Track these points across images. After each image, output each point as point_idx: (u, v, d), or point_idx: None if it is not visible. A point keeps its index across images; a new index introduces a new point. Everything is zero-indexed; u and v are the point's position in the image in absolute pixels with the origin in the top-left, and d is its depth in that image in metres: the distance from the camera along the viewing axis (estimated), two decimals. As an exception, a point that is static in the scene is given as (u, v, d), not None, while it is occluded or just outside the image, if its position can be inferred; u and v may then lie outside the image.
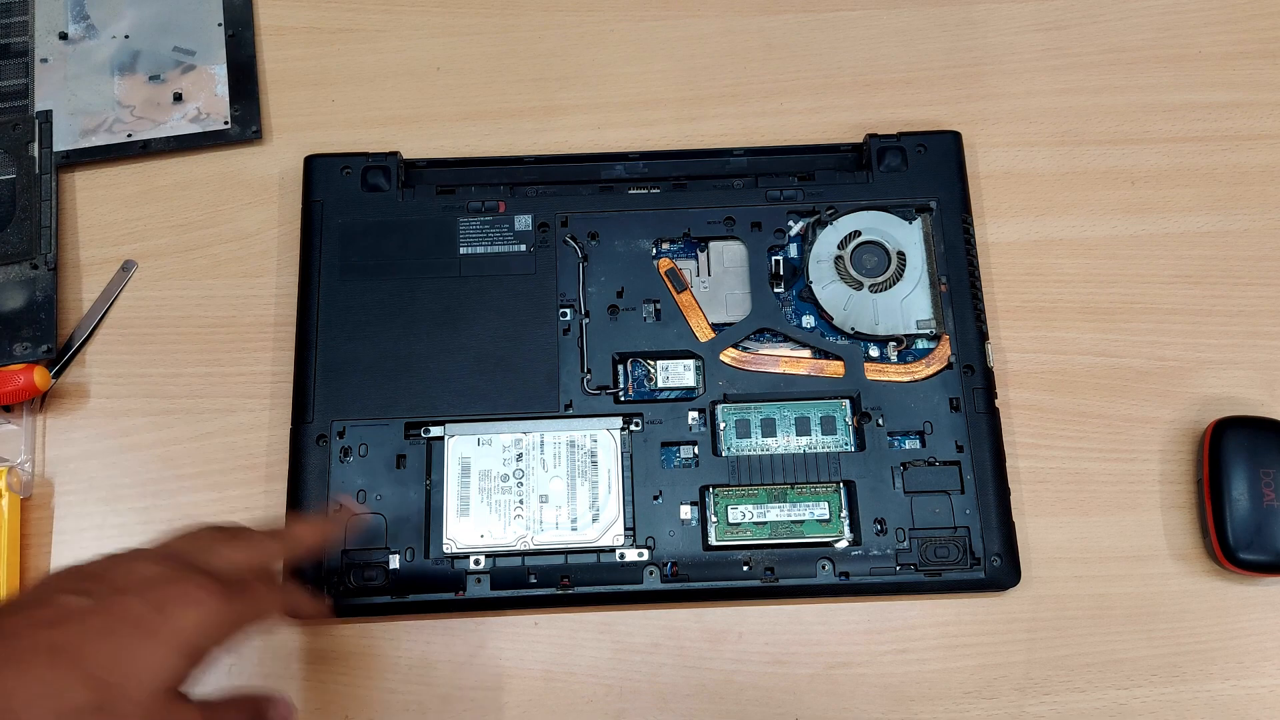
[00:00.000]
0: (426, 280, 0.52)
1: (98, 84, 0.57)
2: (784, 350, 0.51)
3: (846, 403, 0.50)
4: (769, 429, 0.50)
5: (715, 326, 0.51)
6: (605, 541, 0.48)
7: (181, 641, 0.34)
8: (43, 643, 0.32)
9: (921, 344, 0.51)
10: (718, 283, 0.52)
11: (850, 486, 0.49)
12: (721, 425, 0.50)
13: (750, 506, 0.48)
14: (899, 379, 0.50)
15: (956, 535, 0.48)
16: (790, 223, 0.53)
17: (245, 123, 0.57)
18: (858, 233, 0.52)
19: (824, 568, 0.48)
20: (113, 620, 0.33)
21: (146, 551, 0.37)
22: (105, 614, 0.34)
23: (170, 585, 0.35)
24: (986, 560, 0.47)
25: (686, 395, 0.50)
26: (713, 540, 0.48)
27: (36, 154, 0.55)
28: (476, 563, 0.48)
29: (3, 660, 0.32)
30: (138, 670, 0.33)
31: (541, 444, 0.49)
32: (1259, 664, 0.48)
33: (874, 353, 0.51)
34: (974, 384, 0.50)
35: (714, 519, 0.48)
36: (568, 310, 0.51)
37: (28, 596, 0.36)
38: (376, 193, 0.53)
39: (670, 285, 0.52)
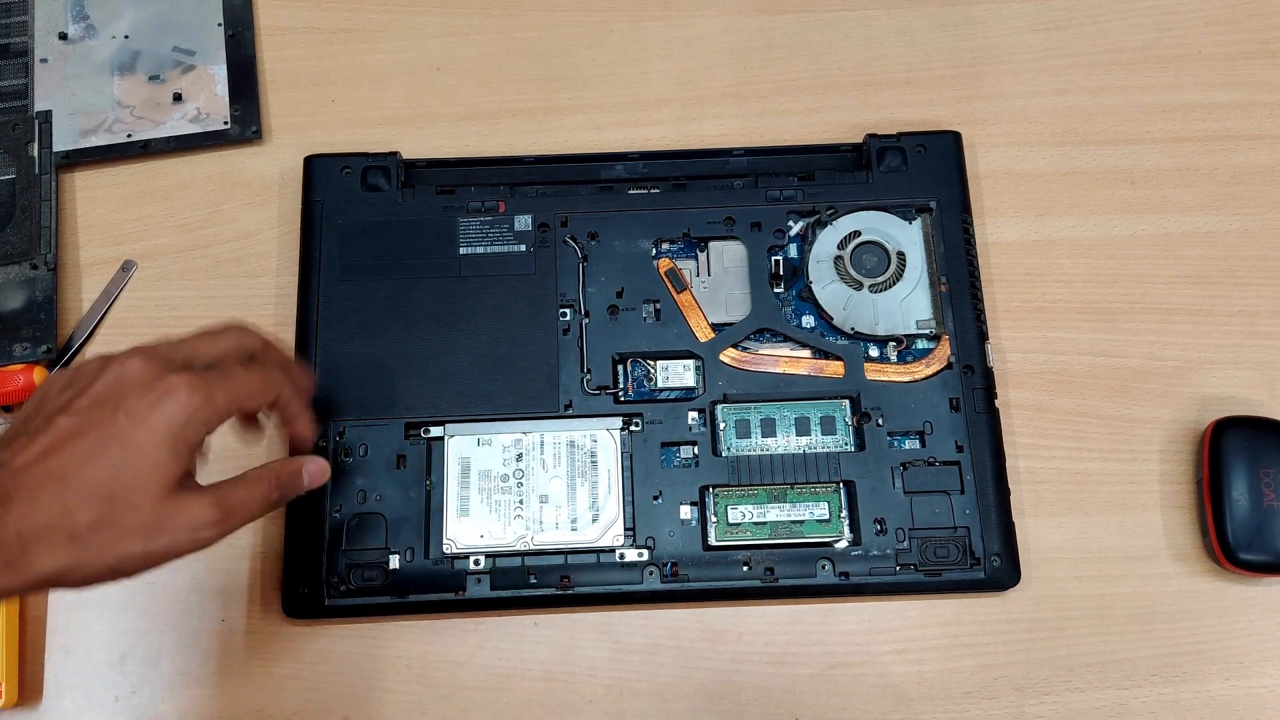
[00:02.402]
0: (426, 280, 0.52)
1: (98, 84, 0.57)
2: (784, 350, 0.51)
3: (846, 403, 0.50)
4: (769, 429, 0.50)
5: (715, 326, 0.51)
6: (605, 542, 0.48)
7: (170, 439, 0.36)
8: (45, 472, 0.35)
9: (921, 344, 0.51)
10: (718, 283, 0.52)
11: (850, 486, 0.49)
12: (721, 425, 0.50)
13: (750, 506, 0.48)
14: (899, 379, 0.50)
15: (956, 535, 0.48)
16: (790, 223, 0.53)
17: (245, 123, 0.57)
18: (858, 233, 0.52)
19: (824, 568, 0.48)
20: (102, 435, 0.35)
21: (128, 354, 0.38)
22: (94, 430, 0.36)
23: (149, 387, 0.37)
24: (986, 560, 0.47)
25: (686, 395, 0.50)
26: (713, 540, 0.48)
27: (36, 154, 0.55)
28: (476, 563, 0.48)
29: (13, 493, 0.34)
30: (135, 478, 0.35)
31: (541, 444, 0.49)
32: (1259, 664, 0.48)
33: (874, 353, 0.51)
34: (974, 384, 0.50)
35: (714, 519, 0.48)
36: (568, 310, 0.51)
37: (27, 423, 0.37)
38: (376, 193, 0.53)
39: (670, 285, 0.52)
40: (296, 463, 0.42)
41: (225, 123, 0.57)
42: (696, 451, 0.49)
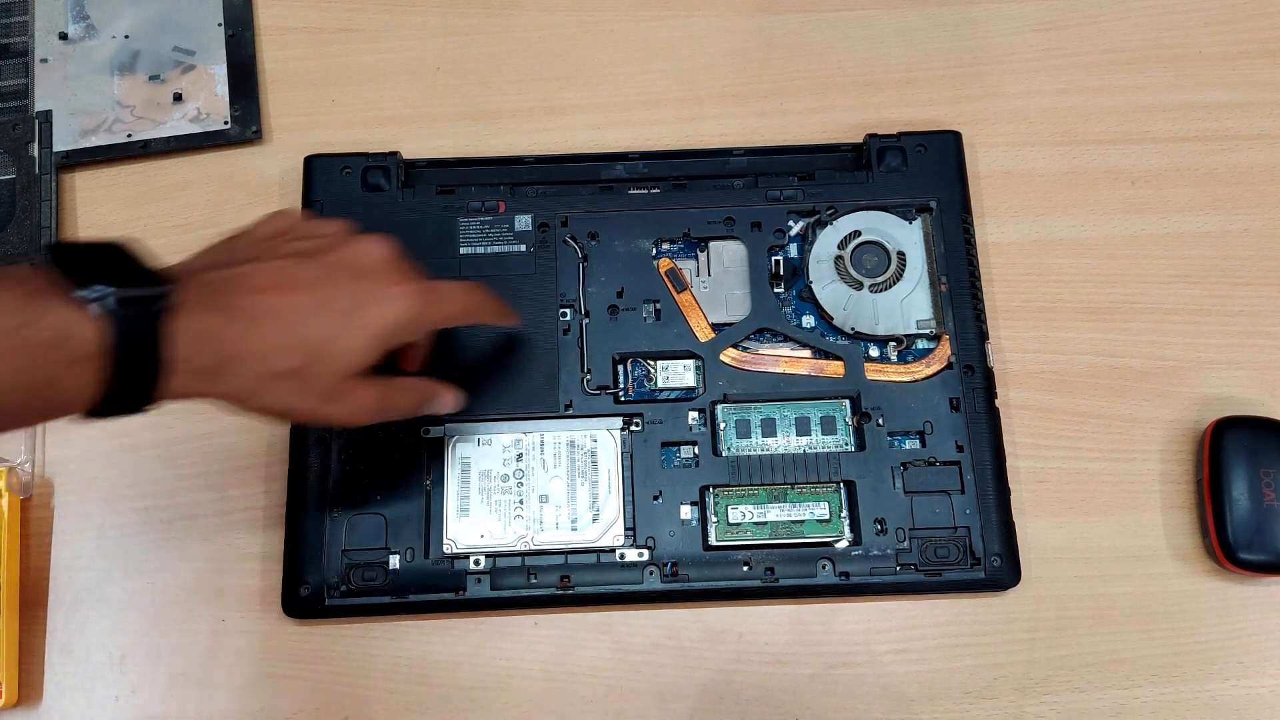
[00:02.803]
0: (426, 280, 0.52)
1: (98, 84, 0.57)
2: (784, 350, 0.51)
3: (846, 403, 0.50)
4: (769, 429, 0.50)
5: (715, 326, 0.51)
6: (605, 541, 0.48)
7: (380, 332, 0.38)
8: (269, 308, 0.36)
9: (921, 344, 0.51)
10: (718, 283, 0.52)
11: (850, 486, 0.49)
12: (721, 425, 0.50)
13: (750, 506, 0.48)
14: (899, 379, 0.50)
15: (956, 535, 0.48)
16: (790, 223, 0.53)
17: (245, 123, 0.57)
18: (858, 233, 0.52)
19: (824, 568, 0.48)
20: (331, 300, 0.37)
21: (374, 236, 0.40)
22: (326, 292, 0.38)
23: (384, 277, 0.39)
24: (986, 560, 0.47)
25: (686, 395, 0.50)
26: (713, 540, 0.48)
27: (36, 154, 0.55)
28: (476, 563, 0.48)
29: (235, 314, 0.36)
30: (339, 349, 0.37)
31: (541, 444, 0.49)
32: (1259, 664, 0.48)
33: (874, 353, 0.51)
34: (974, 384, 0.50)
35: (714, 519, 0.48)
36: (568, 310, 0.51)
37: (258, 244, 0.39)
38: (376, 193, 0.53)
39: (670, 285, 0.52)
40: (443, 386, 0.44)
41: (225, 123, 0.57)
42: (696, 451, 0.49)
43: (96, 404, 0.33)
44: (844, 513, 0.48)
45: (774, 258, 0.52)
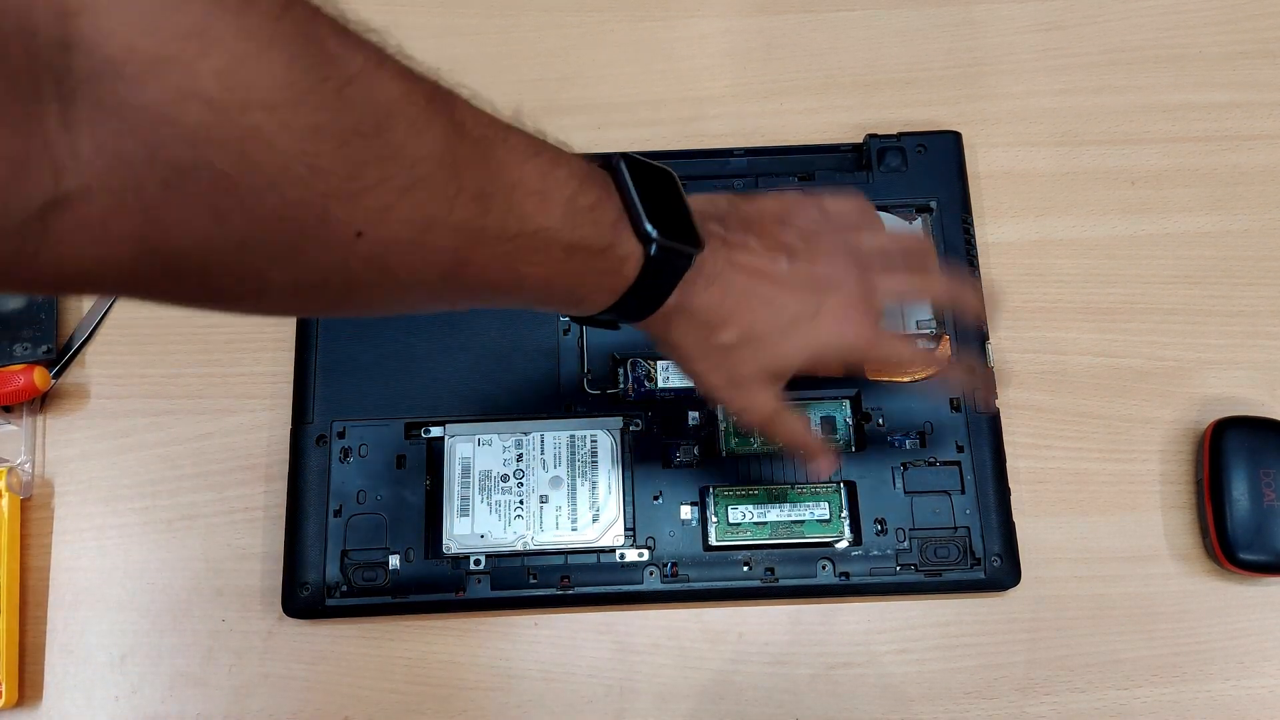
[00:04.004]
0: (426, 280, 0.52)
1: (98, 84, 0.57)
2: (784, 350, 0.51)
3: (846, 403, 0.50)
4: (769, 429, 0.50)
5: (715, 326, 0.51)
6: (605, 542, 0.48)
7: (810, 351, 0.39)
8: (742, 287, 0.37)
9: (922, 344, 0.51)
10: (718, 283, 0.52)
11: (850, 487, 0.49)
12: (721, 425, 0.50)
13: (750, 507, 0.48)
14: (899, 379, 0.50)
15: (956, 535, 0.48)
16: (790, 223, 0.53)
17: (245, 123, 0.57)
18: (858, 233, 0.52)
19: (824, 568, 0.48)
20: (792, 302, 0.38)
21: (848, 248, 0.40)
22: (794, 292, 0.38)
23: (839, 308, 0.39)
24: (986, 560, 0.47)
25: (687, 395, 0.50)
26: (713, 540, 0.48)
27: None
28: (477, 563, 0.48)
29: (717, 282, 0.37)
30: (771, 347, 0.38)
31: (541, 444, 0.49)
32: (1259, 664, 0.48)
33: (874, 353, 0.51)
34: (974, 384, 0.50)
35: (714, 519, 0.48)
36: (568, 310, 0.51)
37: (763, 221, 0.40)
38: (376, 193, 0.53)
39: (670, 285, 0.52)
40: (824, 448, 0.43)
41: (225, 123, 0.57)
42: (696, 451, 0.49)
43: (599, 311, 0.35)
44: (844, 513, 0.48)
45: (774, 258, 0.52)
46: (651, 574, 0.48)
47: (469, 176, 0.29)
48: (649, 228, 0.34)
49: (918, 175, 0.53)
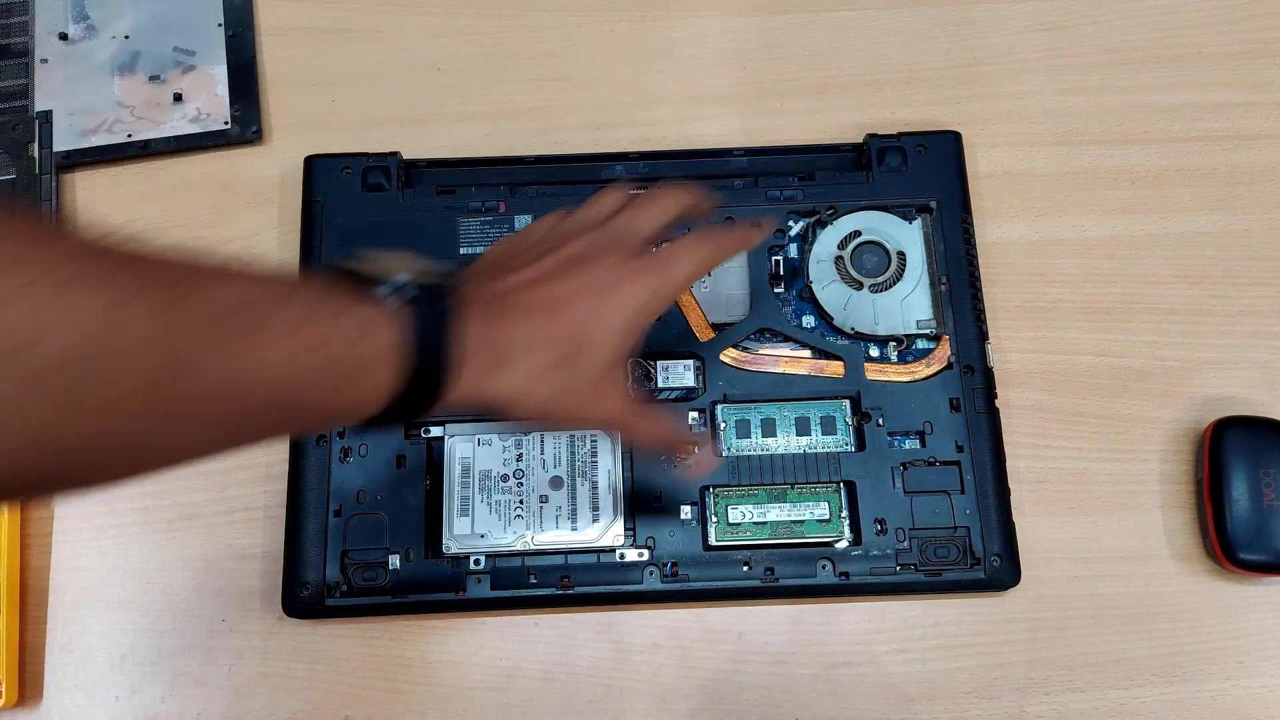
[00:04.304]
0: (426, 280, 0.52)
1: (98, 84, 0.57)
2: (784, 350, 0.51)
3: (846, 403, 0.50)
4: (769, 429, 0.50)
5: (715, 326, 0.51)
6: (605, 541, 0.48)
7: (623, 320, 0.37)
8: (540, 297, 0.36)
9: (921, 344, 0.51)
10: (718, 283, 0.52)
11: (850, 486, 0.49)
12: (721, 425, 0.50)
13: (750, 506, 0.48)
14: (899, 379, 0.50)
15: (956, 535, 0.48)
16: (790, 223, 0.53)
17: (245, 123, 0.57)
18: (858, 233, 0.52)
19: (824, 568, 0.48)
20: (587, 283, 0.37)
21: (578, 228, 0.40)
22: (569, 281, 0.37)
23: (612, 267, 0.38)
24: (986, 560, 0.47)
25: (687, 395, 0.50)
26: (713, 540, 0.48)
27: (37, 154, 0.55)
28: (476, 563, 0.48)
29: (508, 309, 0.36)
30: (590, 341, 0.36)
31: (541, 444, 0.49)
32: (1259, 664, 0.48)
33: (874, 353, 0.51)
34: (974, 384, 0.50)
35: (714, 519, 0.48)
36: (568, 310, 0.51)
37: (509, 254, 0.39)
38: (377, 193, 0.53)
39: (670, 285, 0.52)
40: (686, 438, 0.43)
41: (225, 123, 0.57)
42: (696, 451, 0.49)
43: (390, 403, 0.32)
44: (844, 513, 0.48)
45: (774, 258, 0.52)
46: (651, 574, 0.48)
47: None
48: (383, 288, 0.32)
49: (918, 175, 0.53)
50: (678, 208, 0.42)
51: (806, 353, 0.51)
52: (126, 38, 0.58)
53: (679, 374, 0.50)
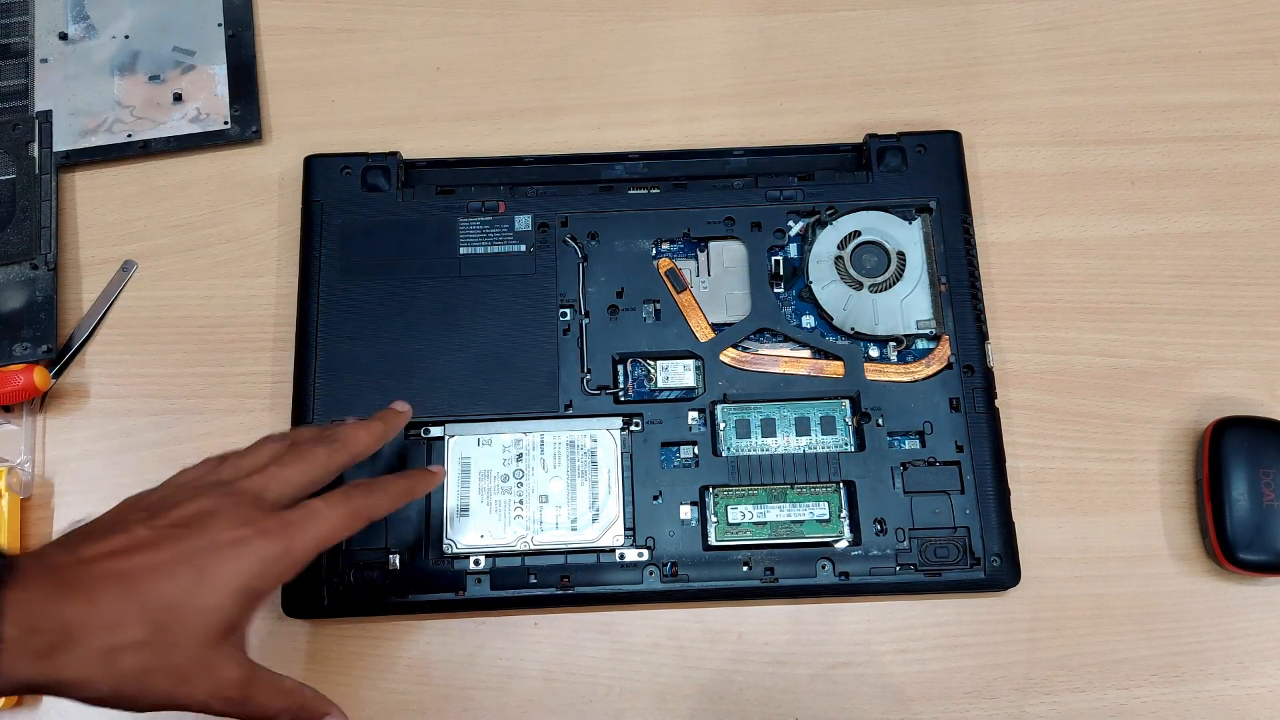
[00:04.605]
0: (426, 280, 0.52)
1: (98, 84, 0.57)
2: (784, 350, 0.51)
3: (846, 403, 0.50)
4: (769, 429, 0.50)
5: (715, 326, 0.51)
6: (605, 541, 0.48)
7: (237, 586, 0.35)
8: (112, 572, 0.33)
9: (921, 344, 0.51)
10: (718, 283, 0.52)
11: (850, 486, 0.49)
12: (721, 425, 0.50)
13: (750, 506, 0.48)
14: (899, 379, 0.50)
15: (956, 535, 0.48)
16: (790, 223, 0.53)
17: (245, 123, 0.57)
18: (858, 233, 0.52)
19: (824, 568, 0.48)
20: (179, 556, 0.34)
21: (209, 484, 0.38)
22: (172, 548, 0.34)
23: (229, 528, 0.35)
24: (986, 560, 0.47)
25: (686, 395, 0.50)
26: (713, 540, 0.48)
27: (36, 154, 0.55)
28: (476, 563, 0.48)
29: (75, 584, 0.33)
30: (194, 613, 0.34)
31: (541, 444, 0.49)
32: (1259, 664, 0.48)
33: (874, 353, 0.51)
34: (974, 384, 0.50)
35: (714, 519, 0.48)
36: (567, 310, 0.51)
37: (101, 528, 0.36)
38: (376, 193, 0.53)
39: (670, 285, 0.52)
40: (320, 707, 0.39)
41: (225, 123, 0.57)
42: (696, 451, 0.49)
43: None
44: (844, 513, 0.48)
45: (774, 258, 0.52)
46: (651, 574, 0.48)
47: None
48: None
49: (917, 175, 0.53)
50: (336, 460, 0.40)
51: (806, 353, 0.51)
52: (126, 37, 0.58)
53: (679, 374, 0.50)
